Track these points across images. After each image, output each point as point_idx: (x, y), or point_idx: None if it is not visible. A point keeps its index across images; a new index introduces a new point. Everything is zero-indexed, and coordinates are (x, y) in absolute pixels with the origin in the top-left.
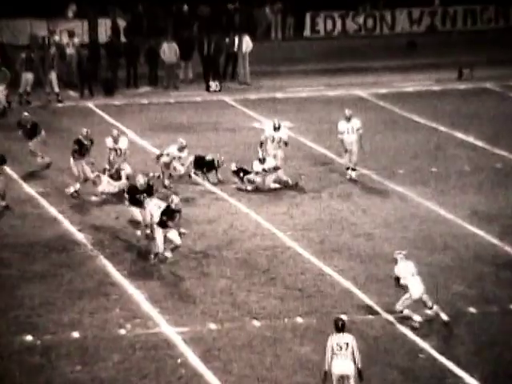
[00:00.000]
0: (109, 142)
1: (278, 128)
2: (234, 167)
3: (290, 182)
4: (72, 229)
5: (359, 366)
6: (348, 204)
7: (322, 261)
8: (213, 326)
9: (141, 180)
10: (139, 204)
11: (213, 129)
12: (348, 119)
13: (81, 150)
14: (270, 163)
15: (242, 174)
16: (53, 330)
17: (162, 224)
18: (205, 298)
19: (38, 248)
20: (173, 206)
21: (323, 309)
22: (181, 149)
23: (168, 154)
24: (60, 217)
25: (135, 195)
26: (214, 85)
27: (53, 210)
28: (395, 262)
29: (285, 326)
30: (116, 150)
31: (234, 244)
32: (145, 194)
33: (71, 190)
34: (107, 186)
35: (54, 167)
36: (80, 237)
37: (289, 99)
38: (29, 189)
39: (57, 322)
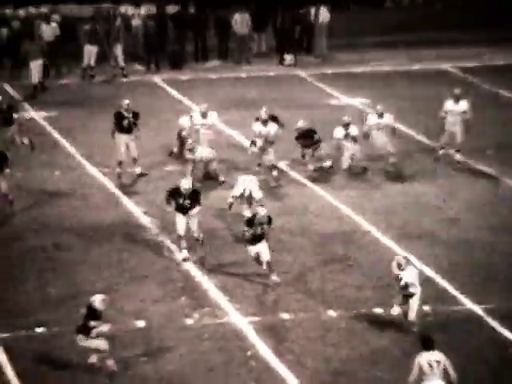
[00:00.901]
0: (196, 117)
1: (382, 115)
2: (300, 123)
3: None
4: (137, 211)
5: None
6: (432, 186)
7: (402, 247)
8: (285, 315)
9: (185, 184)
10: (183, 210)
11: (286, 105)
12: (456, 99)
13: (121, 124)
14: (353, 131)
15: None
16: (116, 318)
17: (252, 240)
18: (277, 286)
19: (100, 232)
20: (256, 218)
21: None
22: (264, 122)
23: (254, 142)
24: (124, 199)
25: (178, 199)
26: (288, 58)
27: (117, 192)
28: (399, 266)
29: (362, 317)
30: (202, 126)
31: (308, 229)
32: (188, 201)
33: (116, 170)
34: (205, 151)
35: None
36: (145, 220)
37: (368, 74)
38: (92, 169)
39: (120, 310)
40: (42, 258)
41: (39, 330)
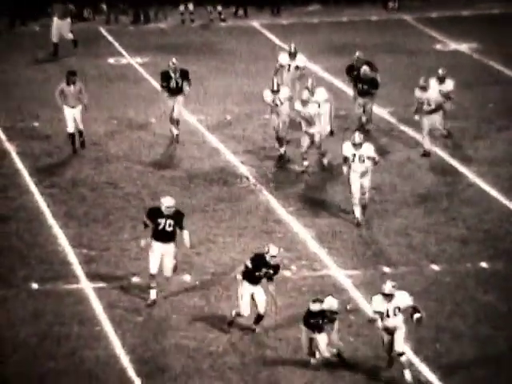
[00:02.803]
0: (283, 57)
1: (443, 79)
2: (365, 68)
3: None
4: (234, 160)
5: None
6: None
7: (510, 199)
8: (386, 269)
9: (167, 201)
10: (163, 236)
11: (389, 51)
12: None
13: (168, 84)
14: (448, 85)
15: None
16: (213, 269)
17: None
18: (378, 239)
19: (197, 181)
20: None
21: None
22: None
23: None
24: (221, 147)
25: (156, 220)
26: (391, 2)
27: (214, 140)
28: (388, 298)
29: (467, 272)
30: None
31: (410, 179)
32: (171, 222)
33: (174, 132)
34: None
35: (215, 93)
36: (242, 169)
37: (477, 16)
38: (189, 116)
39: (217, 261)
40: (138, 207)
41: (134, 279)
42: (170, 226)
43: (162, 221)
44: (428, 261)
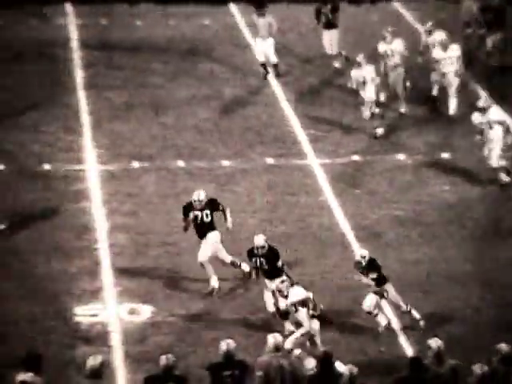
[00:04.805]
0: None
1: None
2: None
3: None
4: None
5: None
6: None
7: None
8: None
9: (201, 195)
10: (201, 230)
11: None
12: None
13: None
14: None
15: None
16: (424, 150)
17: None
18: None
19: None
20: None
21: None
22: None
23: None
24: None
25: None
26: None
27: None
28: (281, 293)
29: None
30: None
31: None
32: (207, 212)
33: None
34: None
35: None
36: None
37: None
38: None
39: (427, 143)
40: (355, 95)
41: (354, 157)
42: (207, 216)
43: (198, 213)
44: None
